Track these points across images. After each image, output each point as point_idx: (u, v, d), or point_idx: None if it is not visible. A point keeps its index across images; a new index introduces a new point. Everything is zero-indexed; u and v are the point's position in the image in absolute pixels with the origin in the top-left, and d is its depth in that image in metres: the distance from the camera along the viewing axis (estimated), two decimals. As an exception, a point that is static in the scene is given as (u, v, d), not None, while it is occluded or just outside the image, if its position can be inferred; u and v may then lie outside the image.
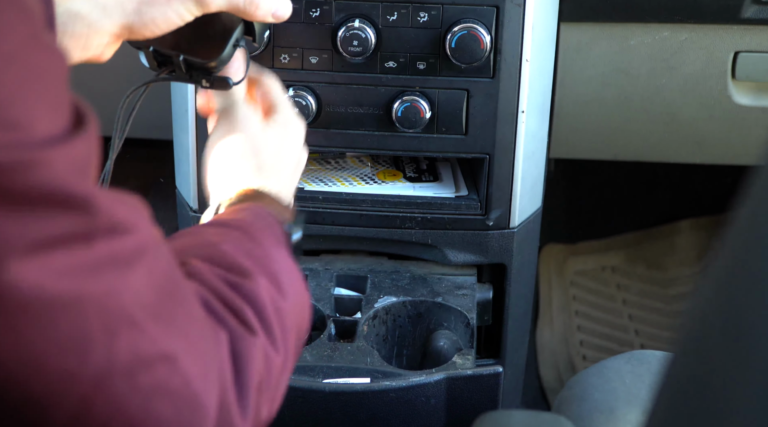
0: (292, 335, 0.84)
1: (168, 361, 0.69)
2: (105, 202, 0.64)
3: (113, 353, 0.65)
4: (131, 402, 0.67)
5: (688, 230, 2.32)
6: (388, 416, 1.20)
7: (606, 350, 2.06)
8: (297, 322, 0.86)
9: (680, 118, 1.55)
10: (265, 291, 0.81)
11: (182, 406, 0.70)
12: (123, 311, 0.65)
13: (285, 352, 0.82)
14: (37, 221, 0.60)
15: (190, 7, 0.97)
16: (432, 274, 1.45)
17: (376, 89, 1.35)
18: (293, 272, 0.88)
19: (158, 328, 0.68)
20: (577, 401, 1.15)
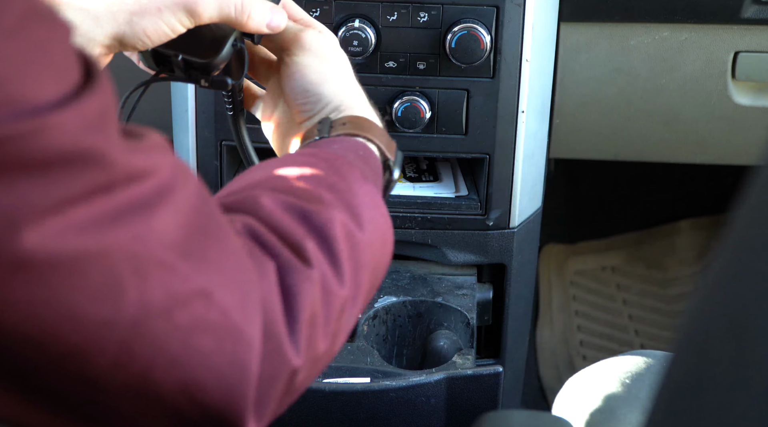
0: (366, 270, 0.82)
1: (203, 296, 0.69)
2: (121, 154, 0.64)
3: (146, 295, 0.65)
4: (171, 341, 0.67)
5: (688, 230, 2.32)
6: (388, 416, 1.20)
7: (606, 350, 2.06)
8: (375, 257, 0.84)
9: (680, 118, 1.55)
10: (338, 222, 0.80)
11: (223, 338, 0.70)
12: (151, 254, 0.66)
13: (354, 286, 0.80)
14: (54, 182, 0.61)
15: (182, 18, 0.97)
16: (432, 274, 1.45)
17: (376, 89, 1.35)
18: (377, 207, 0.86)
19: (189, 265, 0.68)
20: (577, 401, 1.15)
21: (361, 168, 0.89)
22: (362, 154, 0.92)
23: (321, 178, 0.84)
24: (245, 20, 0.99)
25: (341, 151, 0.91)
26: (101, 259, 0.63)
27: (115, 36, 0.98)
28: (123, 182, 0.65)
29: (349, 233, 0.81)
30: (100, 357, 0.65)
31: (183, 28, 0.98)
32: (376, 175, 0.92)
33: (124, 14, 0.98)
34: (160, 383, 0.68)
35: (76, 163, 0.62)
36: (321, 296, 0.77)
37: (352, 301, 0.81)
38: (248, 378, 0.72)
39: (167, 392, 0.69)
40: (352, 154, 0.91)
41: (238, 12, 0.98)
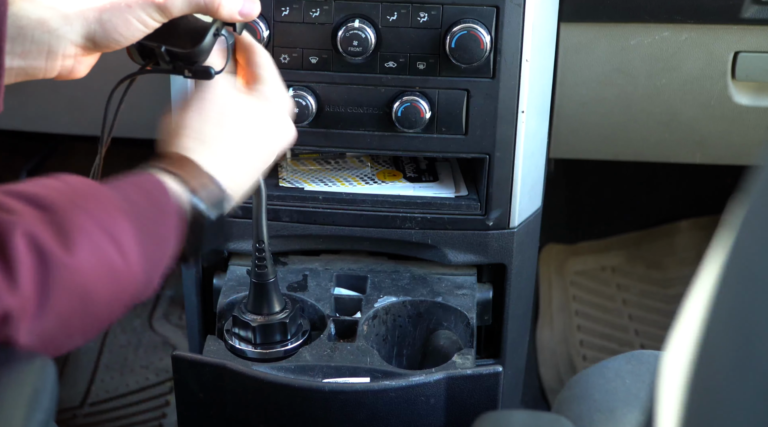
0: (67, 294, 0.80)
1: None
2: None
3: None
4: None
5: (688, 230, 2.32)
6: (388, 416, 1.20)
7: (606, 350, 2.06)
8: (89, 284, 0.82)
9: (680, 118, 1.55)
10: (23, 230, 0.78)
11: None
12: None
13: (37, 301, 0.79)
14: None
15: (152, 13, 0.97)
16: (432, 274, 1.45)
17: (376, 89, 1.35)
18: (106, 236, 0.83)
19: None
20: (577, 401, 1.15)
21: (129, 201, 0.88)
22: (146, 188, 0.91)
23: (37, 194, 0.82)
24: (215, 10, 0.99)
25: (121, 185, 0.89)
26: None
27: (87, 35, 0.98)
28: None
29: (39, 244, 0.79)
30: None
31: (156, 23, 0.98)
32: (154, 208, 0.90)
33: (93, 12, 0.98)
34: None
35: None
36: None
37: (28, 314, 0.79)
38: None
39: None
40: (132, 187, 0.90)
41: (208, 2, 0.99)
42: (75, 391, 1.93)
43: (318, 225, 1.42)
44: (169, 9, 0.97)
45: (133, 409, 1.93)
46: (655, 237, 2.33)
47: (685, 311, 0.55)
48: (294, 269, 1.45)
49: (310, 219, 1.42)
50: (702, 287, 0.53)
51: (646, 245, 2.32)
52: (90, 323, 0.84)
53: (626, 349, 1.96)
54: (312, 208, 1.42)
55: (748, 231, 0.51)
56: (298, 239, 1.43)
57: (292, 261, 1.46)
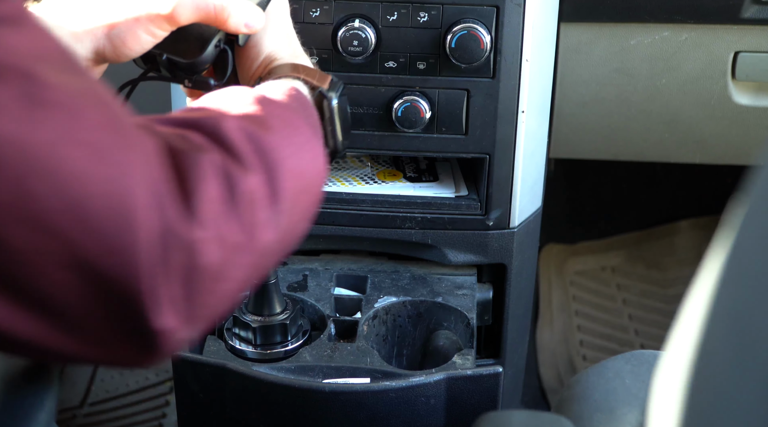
0: (285, 175, 0.81)
1: (72, 111, 0.68)
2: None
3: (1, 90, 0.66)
4: (38, 148, 0.67)
5: (688, 230, 2.32)
6: (388, 416, 1.20)
7: (606, 350, 2.06)
8: (298, 167, 0.83)
9: (680, 118, 1.55)
10: (231, 120, 0.79)
11: (97, 158, 0.69)
12: (8, 57, 0.67)
13: (271, 186, 0.79)
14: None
15: (161, 24, 0.97)
16: (432, 274, 1.45)
17: (376, 89, 1.35)
18: (298, 126, 0.86)
19: (62, 79, 0.69)
20: (577, 401, 1.15)
21: (286, 100, 0.91)
22: (285, 90, 0.93)
23: (223, 103, 0.84)
24: (224, 20, 0.99)
25: (261, 89, 0.92)
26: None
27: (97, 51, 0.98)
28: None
29: (249, 132, 0.80)
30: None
31: (164, 33, 0.98)
32: (301, 103, 0.93)
33: (103, 29, 0.98)
34: (39, 197, 0.67)
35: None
36: (222, 176, 0.75)
37: (270, 196, 0.79)
38: (137, 210, 0.70)
39: (51, 210, 0.67)
40: (275, 92, 0.92)
41: (218, 11, 0.99)
42: (75, 391, 1.94)
43: (318, 225, 1.42)
44: (176, 18, 0.97)
45: (133, 409, 1.93)
46: (655, 237, 2.33)
47: (685, 311, 0.55)
48: (294, 269, 1.45)
49: (310, 219, 1.42)
50: (702, 287, 0.53)
51: (646, 245, 2.32)
52: (306, 207, 0.86)
53: (626, 349, 1.96)
54: (312, 208, 1.42)
55: (748, 231, 0.51)
56: (298, 239, 1.43)
57: (292, 261, 1.46)
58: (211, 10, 0.98)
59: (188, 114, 0.82)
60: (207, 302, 0.74)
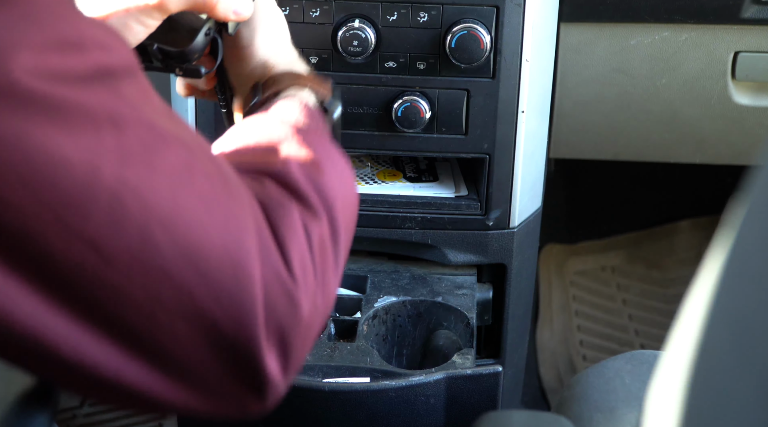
0: (338, 209, 0.83)
1: (186, 162, 0.70)
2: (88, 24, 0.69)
3: (125, 142, 0.67)
4: (158, 195, 0.68)
5: (688, 230, 2.32)
6: (388, 416, 1.20)
7: (606, 350, 2.06)
8: (343, 196, 0.85)
9: (680, 118, 1.55)
10: (296, 168, 0.81)
11: (212, 207, 0.71)
12: (127, 107, 0.68)
13: (332, 227, 0.81)
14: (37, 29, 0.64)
15: (152, 13, 0.98)
16: (432, 274, 1.45)
17: (376, 89, 1.35)
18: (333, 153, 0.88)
19: (172, 129, 0.70)
20: (577, 401, 1.15)
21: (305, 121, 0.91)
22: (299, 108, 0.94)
23: (269, 141, 0.85)
24: (212, 6, 1.00)
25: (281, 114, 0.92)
26: (81, 107, 0.65)
27: None
28: (93, 47, 0.68)
29: (310, 175, 0.82)
30: (95, 207, 0.66)
31: (156, 22, 0.99)
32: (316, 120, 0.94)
33: None
34: (160, 247, 0.68)
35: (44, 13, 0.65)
36: (303, 231, 0.78)
37: (332, 238, 0.81)
38: (249, 259, 0.72)
39: (171, 259, 0.69)
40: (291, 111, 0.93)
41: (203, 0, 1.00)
42: (75, 391, 1.93)
43: (318, 225, 1.42)
44: (166, 7, 0.98)
45: (133, 409, 1.93)
46: (655, 237, 2.33)
47: (685, 311, 0.55)
48: (294, 269, 1.45)
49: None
50: (702, 287, 0.53)
51: (646, 245, 2.32)
52: (351, 231, 0.88)
53: (626, 349, 1.96)
54: (312, 208, 1.42)
55: (748, 231, 0.51)
56: (298, 238, 1.43)
57: (292, 261, 1.46)
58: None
59: (254, 160, 0.83)
60: (301, 349, 0.77)
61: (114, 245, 0.67)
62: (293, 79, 0.99)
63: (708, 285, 0.53)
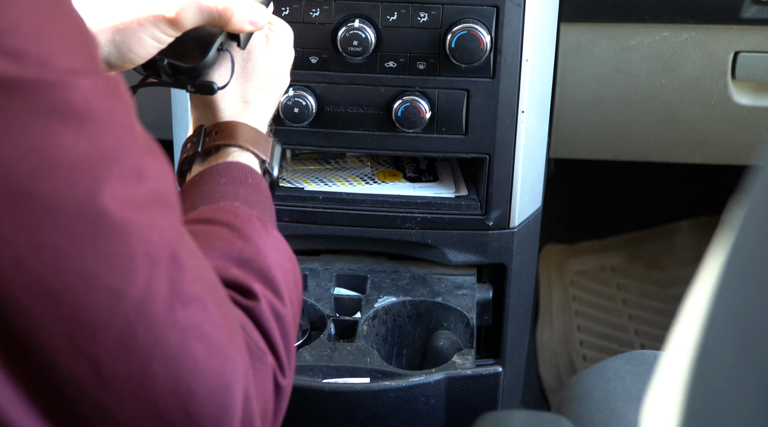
0: (292, 335, 0.86)
1: (201, 305, 0.73)
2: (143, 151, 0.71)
3: (154, 280, 0.69)
4: (169, 335, 0.70)
5: (688, 230, 2.32)
6: (388, 416, 1.20)
7: (606, 350, 2.06)
8: (294, 312, 0.88)
9: (680, 118, 1.55)
10: (266, 306, 0.83)
11: (214, 353, 0.73)
12: (163, 246, 0.70)
13: (289, 371, 0.85)
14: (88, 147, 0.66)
15: (165, 29, 0.96)
16: (432, 274, 1.45)
17: (376, 89, 1.35)
18: (282, 254, 0.90)
19: (191, 273, 0.72)
20: (577, 401, 1.15)
21: (255, 205, 0.93)
22: (252, 183, 0.95)
23: (230, 254, 0.86)
24: (227, 20, 0.98)
25: (231, 188, 0.94)
26: (122, 233, 0.67)
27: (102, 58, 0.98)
28: (155, 177, 0.70)
29: (276, 313, 0.84)
30: (107, 331, 0.68)
31: (169, 38, 0.97)
32: (266, 199, 0.96)
33: (106, 34, 0.97)
34: (156, 380, 0.70)
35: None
36: (272, 388, 0.81)
37: (288, 379, 0.84)
38: (234, 405, 0.74)
39: (162, 391, 0.71)
40: (243, 188, 0.94)
41: (221, 12, 0.98)
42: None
43: (318, 225, 1.42)
44: (181, 23, 0.96)
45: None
46: (655, 237, 2.33)
47: (685, 311, 0.55)
48: (294, 269, 1.45)
49: (310, 219, 1.42)
50: (702, 287, 0.53)
51: (646, 245, 2.32)
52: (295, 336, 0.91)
53: (626, 349, 1.96)
54: (312, 208, 1.42)
55: (748, 231, 0.51)
56: (298, 238, 1.43)
57: (292, 261, 1.46)
58: (215, 11, 0.97)
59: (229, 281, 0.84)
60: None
61: (114, 369, 0.69)
62: (237, 138, 0.99)
63: (708, 285, 0.53)
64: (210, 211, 0.92)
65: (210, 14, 0.97)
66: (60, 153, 0.65)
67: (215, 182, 0.95)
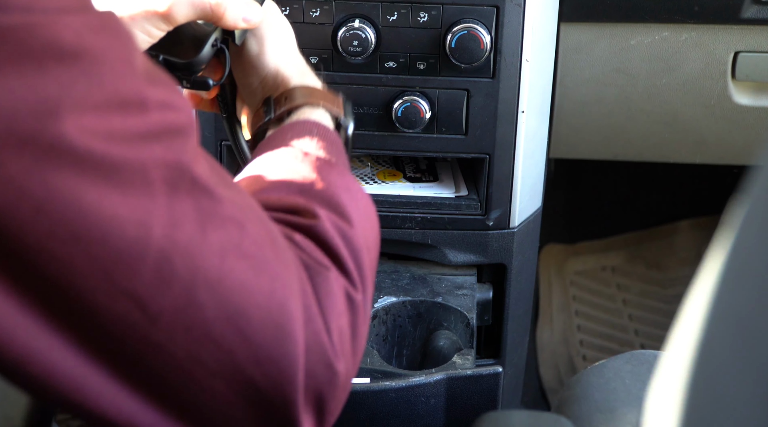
0: (365, 258, 0.82)
1: (236, 224, 0.71)
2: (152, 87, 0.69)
3: (176, 204, 0.67)
4: (207, 258, 0.68)
5: (688, 230, 2.32)
6: (388, 416, 1.20)
7: (606, 350, 2.06)
8: (368, 241, 0.85)
9: (680, 118, 1.55)
10: (329, 223, 0.81)
11: (260, 271, 0.71)
12: (180, 169, 0.68)
13: (362, 282, 0.81)
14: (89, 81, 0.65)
15: (157, 23, 0.96)
16: (432, 274, 1.45)
17: (376, 89, 1.35)
18: (355, 192, 0.87)
19: (223, 192, 0.71)
20: (577, 401, 1.15)
21: (322, 150, 0.90)
22: (317, 133, 0.92)
23: (292, 184, 0.84)
24: (220, 16, 0.98)
25: (297, 141, 0.91)
26: (133, 164, 0.66)
27: None
28: (155, 106, 0.68)
29: (340, 230, 0.81)
30: (143, 265, 0.66)
31: (161, 33, 0.97)
32: (335, 147, 0.92)
33: None
34: (204, 308, 0.68)
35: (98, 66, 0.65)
36: (346, 300, 0.78)
37: (362, 294, 0.81)
38: (293, 323, 0.71)
39: (214, 318, 0.69)
40: (308, 138, 0.91)
41: (214, 7, 0.97)
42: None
43: (318, 225, 1.42)
44: (173, 17, 0.96)
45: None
46: (655, 237, 2.33)
47: (685, 311, 0.55)
48: (294, 269, 1.45)
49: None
50: (702, 286, 0.53)
51: (646, 245, 2.32)
52: (375, 269, 0.87)
53: (626, 349, 1.96)
54: (312, 208, 1.42)
55: (748, 231, 0.51)
56: (298, 239, 1.43)
57: (292, 261, 1.46)
58: (207, 7, 0.97)
59: (283, 203, 0.82)
60: (335, 409, 0.79)
61: (159, 304, 0.67)
62: (307, 97, 0.97)
63: (708, 285, 0.53)
64: (273, 154, 0.90)
65: (203, 10, 0.97)
66: (58, 91, 0.63)
67: (281, 140, 0.92)
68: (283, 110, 0.96)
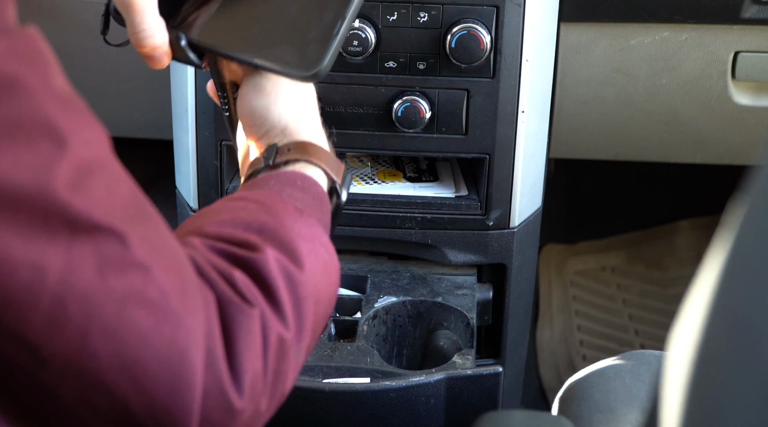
0: (309, 304, 0.81)
1: (141, 269, 0.68)
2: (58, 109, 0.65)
3: (75, 248, 0.65)
4: (105, 306, 0.66)
5: (688, 230, 2.32)
6: (388, 416, 1.20)
7: (606, 350, 2.06)
8: (318, 290, 0.82)
9: (680, 118, 1.55)
10: (273, 261, 0.79)
11: (162, 319, 0.69)
12: (86, 209, 0.65)
13: (298, 326, 0.79)
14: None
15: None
16: (432, 274, 1.45)
17: (376, 89, 1.35)
18: (315, 239, 0.84)
19: (135, 238, 0.68)
20: (577, 401, 1.15)
21: (299, 200, 0.87)
22: (300, 185, 0.90)
23: (250, 223, 0.82)
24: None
25: (277, 186, 0.89)
26: (36, 199, 0.63)
27: None
28: (71, 142, 0.65)
29: (288, 273, 0.79)
30: (35, 311, 0.64)
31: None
32: (317, 202, 0.90)
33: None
34: (98, 356, 0.67)
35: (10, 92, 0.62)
36: (262, 336, 0.76)
37: (297, 342, 0.79)
38: (192, 371, 0.70)
39: (107, 366, 0.67)
40: (289, 187, 0.89)
41: None
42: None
43: (318, 225, 1.42)
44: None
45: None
46: (655, 237, 2.33)
47: (685, 311, 0.55)
48: (294, 269, 1.45)
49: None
50: (702, 287, 0.53)
51: (646, 244, 2.32)
52: (321, 326, 0.85)
53: (626, 349, 1.96)
54: (312, 208, 1.42)
55: (748, 231, 0.51)
56: (298, 239, 1.43)
57: (292, 261, 1.46)
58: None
59: (238, 236, 0.80)
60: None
61: (49, 348, 0.65)
62: (310, 154, 0.94)
63: (708, 285, 0.53)
64: (245, 193, 0.88)
65: None
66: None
67: (264, 183, 0.90)
68: (281, 161, 0.94)
